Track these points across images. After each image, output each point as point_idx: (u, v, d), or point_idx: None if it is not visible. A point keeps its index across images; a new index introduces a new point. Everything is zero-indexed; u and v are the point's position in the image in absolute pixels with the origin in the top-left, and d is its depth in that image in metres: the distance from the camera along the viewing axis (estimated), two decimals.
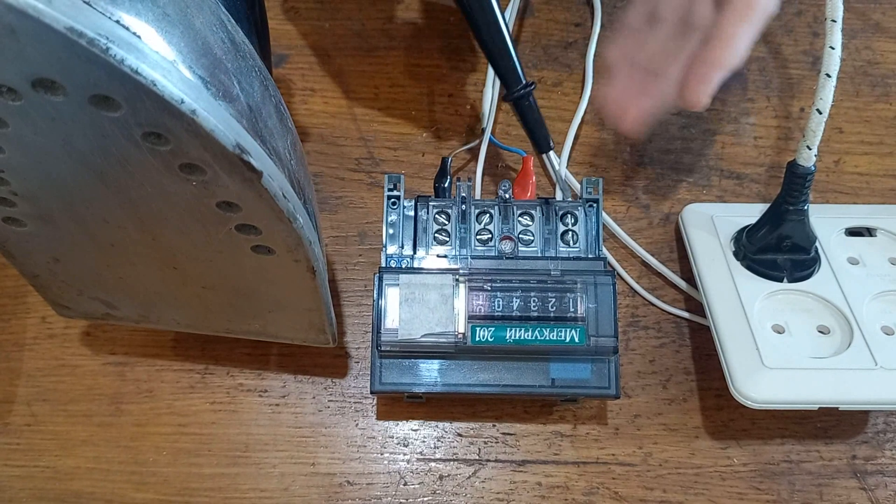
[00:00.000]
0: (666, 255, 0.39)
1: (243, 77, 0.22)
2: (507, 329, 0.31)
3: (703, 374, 0.36)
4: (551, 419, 0.35)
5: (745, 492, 0.34)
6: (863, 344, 0.32)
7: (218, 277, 0.28)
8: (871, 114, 0.41)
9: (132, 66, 0.18)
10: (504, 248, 0.33)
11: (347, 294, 0.38)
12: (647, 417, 0.35)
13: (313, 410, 0.35)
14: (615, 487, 0.34)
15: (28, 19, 0.16)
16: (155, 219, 0.24)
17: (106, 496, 0.34)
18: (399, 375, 0.32)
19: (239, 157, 0.20)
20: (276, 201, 0.22)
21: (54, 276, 0.30)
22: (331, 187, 0.40)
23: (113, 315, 0.33)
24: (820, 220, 0.36)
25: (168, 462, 0.35)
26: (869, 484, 0.34)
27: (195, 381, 0.36)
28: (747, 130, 0.41)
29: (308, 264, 0.26)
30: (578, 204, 0.34)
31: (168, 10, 0.20)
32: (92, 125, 0.20)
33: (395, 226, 0.34)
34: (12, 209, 0.25)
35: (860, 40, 0.43)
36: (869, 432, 0.35)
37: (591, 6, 0.43)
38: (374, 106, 0.42)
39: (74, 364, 0.37)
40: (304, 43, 0.43)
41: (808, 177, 0.33)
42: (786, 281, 0.34)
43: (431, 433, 0.35)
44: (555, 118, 0.41)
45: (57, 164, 0.22)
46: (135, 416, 0.36)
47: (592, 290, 0.32)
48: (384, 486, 0.34)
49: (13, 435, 0.35)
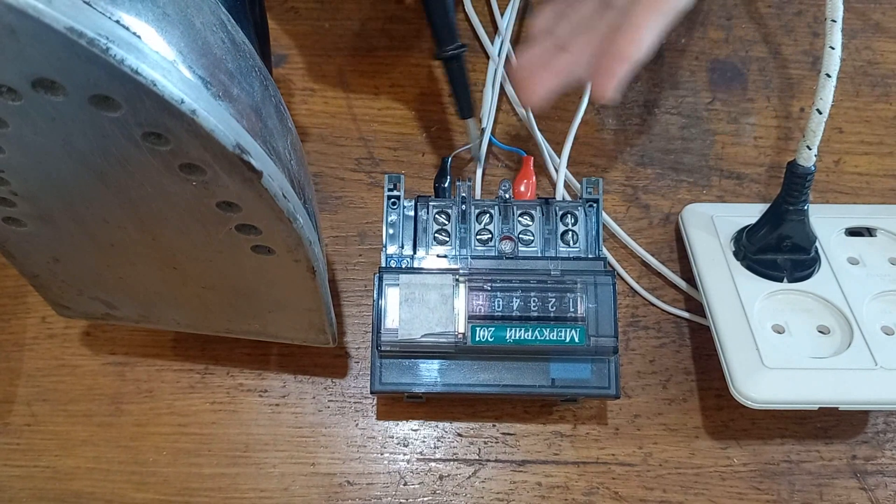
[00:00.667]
0: (666, 255, 0.39)
1: (243, 77, 0.22)
2: (507, 329, 0.31)
3: (703, 374, 0.36)
4: (551, 419, 0.35)
5: (745, 492, 0.34)
6: (863, 344, 0.32)
7: (218, 277, 0.28)
8: (871, 114, 0.41)
9: (132, 66, 0.18)
10: (504, 248, 0.33)
11: (347, 294, 0.38)
12: (647, 417, 0.35)
13: (313, 410, 0.35)
14: (615, 487, 0.34)
15: (28, 19, 0.16)
16: (155, 219, 0.24)
17: (106, 496, 0.34)
18: (399, 375, 0.32)
19: (239, 157, 0.20)
20: (276, 201, 0.22)
21: (54, 276, 0.30)
22: (331, 187, 0.40)
23: (113, 315, 0.33)
24: (820, 220, 0.36)
25: (168, 462, 0.35)
26: (869, 484, 0.34)
27: (195, 381, 0.36)
28: (747, 130, 0.41)
29: (308, 264, 0.26)
30: (578, 204, 0.34)
31: (168, 10, 0.20)
32: (92, 125, 0.20)
33: (395, 226, 0.34)
34: (12, 209, 0.25)
35: (860, 40, 0.43)
36: (869, 432, 0.35)
37: None
38: (374, 106, 0.42)
39: (74, 364, 0.37)
40: (304, 43, 0.43)
41: (808, 177, 0.33)
42: (786, 281, 0.34)
43: (431, 433, 0.35)
44: (555, 118, 0.41)
45: (57, 164, 0.22)
46: (135, 416, 0.36)
47: (592, 290, 0.32)
48: (384, 486, 0.34)
49: (13, 435, 0.35)
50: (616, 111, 0.42)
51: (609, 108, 0.42)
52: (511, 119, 0.42)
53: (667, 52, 0.43)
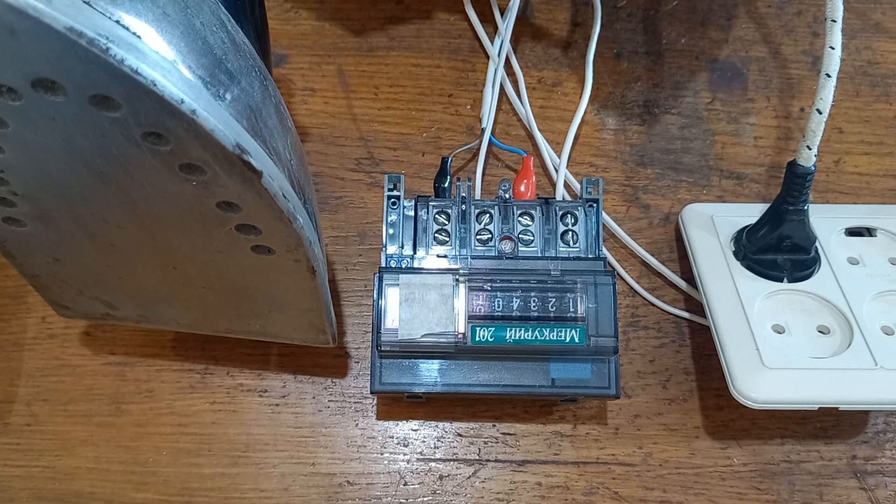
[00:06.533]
0: (666, 255, 0.39)
1: (243, 77, 0.22)
2: (507, 329, 0.31)
3: (703, 374, 0.36)
4: (551, 419, 0.35)
5: (745, 492, 0.34)
6: (863, 344, 0.32)
7: (218, 277, 0.28)
8: (871, 114, 0.41)
9: (132, 66, 0.18)
10: (504, 248, 0.33)
11: (347, 294, 0.38)
12: (647, 417, 0.35)
13: (313, 410, 0.35)
14: (615, 487, 0.34)
15: (28, 19, 0.16)
16: (155, 219, 0.24)
17: (106, 496, 0.34)
18: (399, 375, 0.32)
19: (239, 157, 0.20)
20: (276, 201, 0.22)
21: (54, 276, 0.30)
22: (331, 187, 0.40)
23: (113, 315, 0.33)
24: (820, 220, 0.36)
25: (168, 462, 0.35)
26: (869, 484, 0.34)
27: (195, 381, 0.36)
28: (747, 130, 0.41)
29: (308, 264, 0.26)
30: (578, 204, 0.34)
31: (168, 10, 0.20)
32: (92, 125, 0.20)
33: (395, 226, 0.34)
34: (12, 209, 0.25)
35: (860, 40, 0.43)
36: (869, 432, 0.35)
37: (591, 6, 0.43)
38: (374, 106, 0.42)
39: (74, 364, 0.37)
40: (304, 43, 0.43)
41: (808, 177, 0.33)
42: (786, 281, 0.34)
43: (431, 433, 0.35)
44: (555, 118, 0.41)
45: (57, 164, 0.22)
46: (135, 416, 0.36)
47: (592, 290, 0.32)
48: (384, 486, 0.34)
49: (13, 435, 0.35)
50: (616, 111, 0.42)
51: (609, 108, 0.42)
52: (511, 119, 0.42)
53: (667, 52, 0.43)
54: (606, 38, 0.43)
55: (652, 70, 0.42)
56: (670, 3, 0.44)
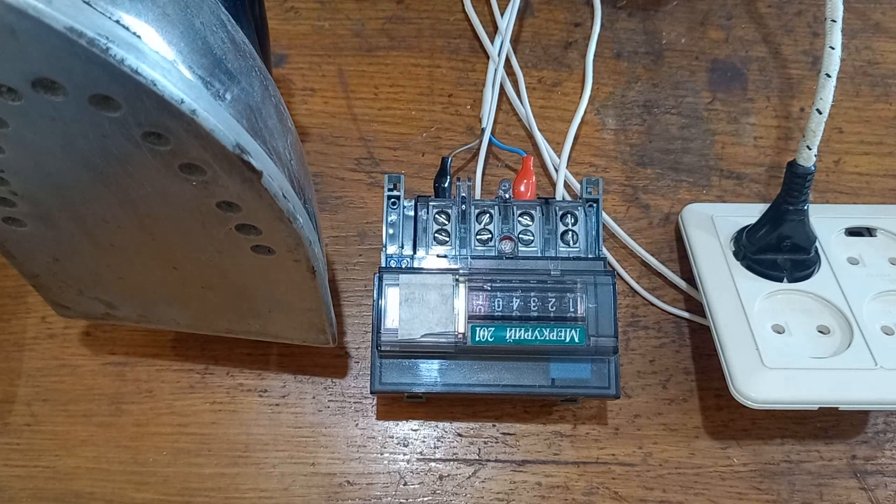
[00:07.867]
0: (666, 255, 0.39)
1: (243, 77, 0.22)
2: (507, 329, 0.31)
3: (703, 374, 0.36)
4: (551, 419, 0.35)
5: (745, 492, 0.34)
6: (863, 344, 0.32)
7: (218, 277, 0.28)
8: (871, 114, 0.41)
9: (132, 66, 0.18)
10: (504, 248, 0.33)
11: (347, 294, 0.38)
12: (647, 417, 0.35)
13: (313, 410, 0.35)
14: (615, 487, 0.34)
15: (28, 19, 0.16)
16: (155, 219, 0.24)
17: (106, 496, 0.34)
18: (399, 375, 0.32)
19: (239, 157, 0.20)
20: (276, 201, 0.22)
21: (54, 276, 0.30)
22: (331, 187, 0.40)
23: (113, 315, 0.33)
24: (820, 220, 0.36)
25: (168, 462, 0.35)
26: (869, 484, 0.34)
27: (195, 381, 0.36)
28: (747, 130, 0.41)
29: (308, 264, 0.26)
30: (578, 204, 0.34)
31: (168, 10, 0.20)
32: (92, 125, 0.20)
33: (395, 226, 0.34)
34: (12, 209, 0.25)
35: (860, 40, 0.43)
36: (869, 432, 0.35)
37: (591, 6, 0.43)
38: (374, 106, 0.42)
39: (74, 364, 0.37)
40: (304, 43, 0.43)
41: (808, 177, 0.33)
42: (786, 281, 0.34)
43: (431, 433, 0.35)
44: (555, 118, 0.41)
45: (57, 164, 0.22)
46: (135, 416, 0.36)
47: (592, 290, 0.32)
48: (384, 486, 0.34)
49: (13, 435, 0.35)
50: (616, 111, 0.42)
51: (609, 108, 0.42)
52: (511, 119, 0.42)
53: (667, 52, 0.43)
54: (606, 38, 0.43)
55: (652, 70, 0.42)
56: (670, 3, 0.44)
